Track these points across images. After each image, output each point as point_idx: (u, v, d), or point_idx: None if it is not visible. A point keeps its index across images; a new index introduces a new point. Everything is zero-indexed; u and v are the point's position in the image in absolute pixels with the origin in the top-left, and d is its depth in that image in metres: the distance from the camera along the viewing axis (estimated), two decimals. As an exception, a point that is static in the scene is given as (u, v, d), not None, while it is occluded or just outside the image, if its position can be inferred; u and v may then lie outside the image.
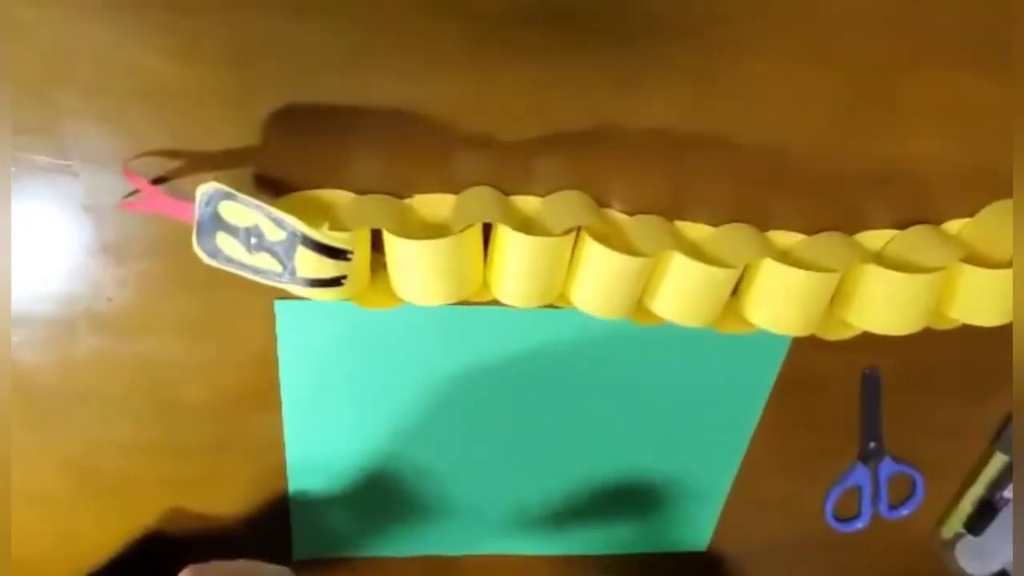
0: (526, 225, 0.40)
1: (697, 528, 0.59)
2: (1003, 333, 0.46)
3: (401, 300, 0.41)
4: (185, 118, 0.36)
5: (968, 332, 0.46)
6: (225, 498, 0.50)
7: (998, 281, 0.42)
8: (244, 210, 0.35)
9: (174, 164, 0.37)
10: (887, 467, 0.56)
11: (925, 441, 0.56)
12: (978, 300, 0.43)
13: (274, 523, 0.52)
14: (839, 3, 0.37)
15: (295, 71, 0.36)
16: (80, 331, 0.42)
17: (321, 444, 0.49)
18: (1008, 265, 0.42)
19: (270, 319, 0.43)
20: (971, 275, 0.42)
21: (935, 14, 0.38)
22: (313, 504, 0.46)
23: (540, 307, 0.42)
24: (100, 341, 0.43)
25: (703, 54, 0.38)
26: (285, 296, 0.41)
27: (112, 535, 0.50)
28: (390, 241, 0.38)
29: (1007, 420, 0.56)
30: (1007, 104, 0.42)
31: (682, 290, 0.41)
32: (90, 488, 0.48)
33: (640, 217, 0.42)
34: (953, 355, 0.52)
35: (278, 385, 0.46)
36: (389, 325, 0.45)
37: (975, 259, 0.42)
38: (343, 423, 0.48)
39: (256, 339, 0.44)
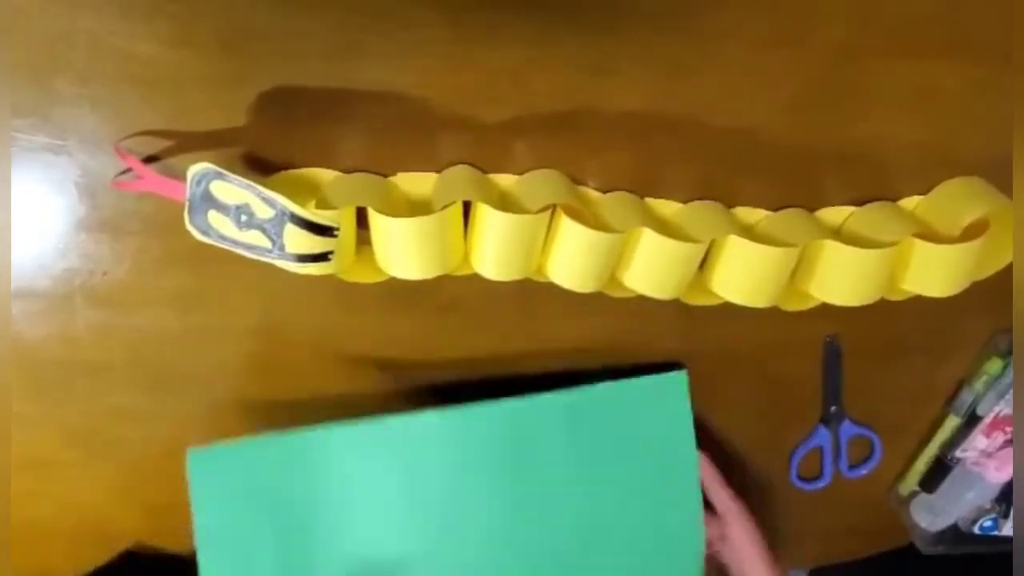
0: (504, 202, 0.42)
1: None
2: (954, 304, 0.48)
3: (385, 273, 0.42)
4: (176, 101, 0.38)
5: (922, 303, 0.48)
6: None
7: (948, 255, 0.44)
8: (234, 189, 0.36)
9: (165, 145, 0.39)
10: (847, 429, 0.59)
11: (882, 405, 0.59)
12: (929, 273, 0.45)
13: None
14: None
15: (283, 56, 0.37)
16: (77, 305, 0.44)
17: None
18: (957, 240, 0.44)
19: (260, 291, 0.45)
20: (923, 249, 0.44)
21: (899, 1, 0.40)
22: None
23: (471, 403, 0.45)
24: (97, 314, 0.44)
25: (676, 40, 0.40)
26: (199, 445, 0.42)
27: (115, 501, 0.52)
28: (375, 218, 0.40)
29: (959, 385, 0.59)
30: (964, 87, 0.44)
31: (652, 264, 0.43)
32: (93, 455, 0.50)
33: (612, 194, 0.44)
34: (909, 325, 0.54)
35: (274, 354, 0.47)
36: (304, 475, 0.44)
37: (927, 235, 0.44)
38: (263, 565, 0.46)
39: (247, 310, 0.46)
